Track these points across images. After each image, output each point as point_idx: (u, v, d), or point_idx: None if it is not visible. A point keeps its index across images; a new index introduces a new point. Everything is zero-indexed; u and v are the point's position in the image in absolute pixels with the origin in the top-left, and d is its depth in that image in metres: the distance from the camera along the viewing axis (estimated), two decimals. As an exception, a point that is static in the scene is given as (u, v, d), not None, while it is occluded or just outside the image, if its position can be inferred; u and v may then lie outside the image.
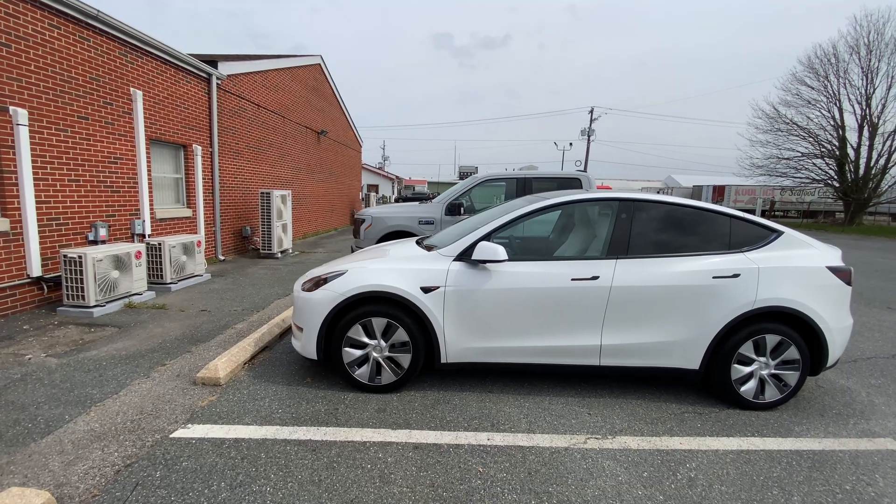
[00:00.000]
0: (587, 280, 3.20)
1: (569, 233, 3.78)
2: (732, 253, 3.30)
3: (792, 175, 27.67)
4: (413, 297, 3.18)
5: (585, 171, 36.84)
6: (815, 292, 3.21)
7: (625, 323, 3.22)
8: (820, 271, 3.26)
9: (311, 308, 3.31)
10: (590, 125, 39.36)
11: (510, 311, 3.24)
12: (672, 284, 3.20)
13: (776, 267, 3.21)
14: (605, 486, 2.35)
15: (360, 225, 6.70)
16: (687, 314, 3.20)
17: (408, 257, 3.52)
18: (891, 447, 2.83)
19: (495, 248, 3.15)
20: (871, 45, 24.10)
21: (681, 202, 3.48)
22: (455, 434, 2.79)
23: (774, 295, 3.15)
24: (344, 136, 18.74)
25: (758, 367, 3.23)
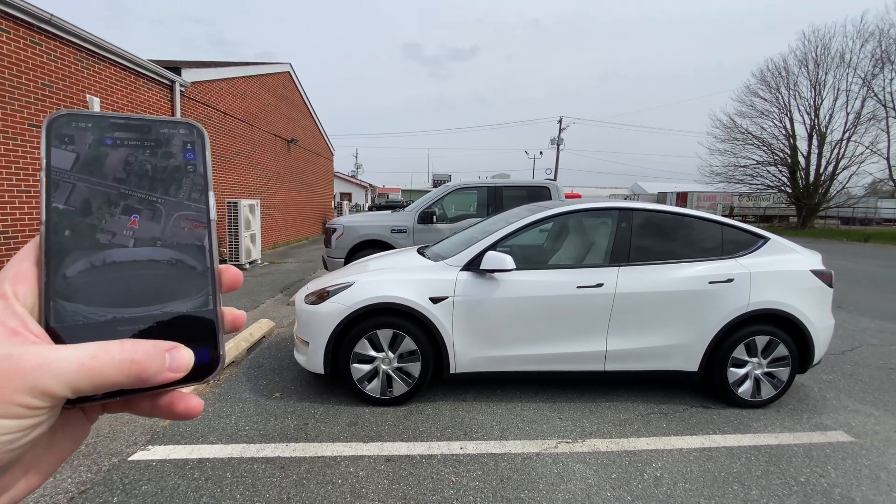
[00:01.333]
0: (592, 287, 3.26)
1: (571, 242, 3.83)
2: (725, 259, 3.46)
3: (748, 182, 29.13)
4: (422, 308, 3.15)
5: (555, 180, 37.51)
6: (802, 295, 3.40)
7: (628, 328, 3.31)
8: (805, 275, 3.45)
9: (318, 321, 3.21)
10: (559, 134, 40.28)
11: (518, 319, 3.26)
12: (671, 290, 3.31)
13: (766, 271, 3.38)
14: (576, 489, 2.39)
15: (331, 234, 6.61)
16: (686, 318, 3.32)
17: (414, 268, 3.48)
18: (842, 439, 2.99)
19: (503, 257, 3.16)
20: (818, 59, 25.78)
21: (676, 211, 3.63)
22: (428, 444, 2.78)
23: (765, 298, 3.31)
24: (315, 145, 18.53)
25: (752, 366, 3.38)
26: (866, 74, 24.15)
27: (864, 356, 4.68)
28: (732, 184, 29.73)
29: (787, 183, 28.00)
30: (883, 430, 3.11)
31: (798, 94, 26.70)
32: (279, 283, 7.66)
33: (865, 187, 27.74)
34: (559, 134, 40.21)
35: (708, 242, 3.51)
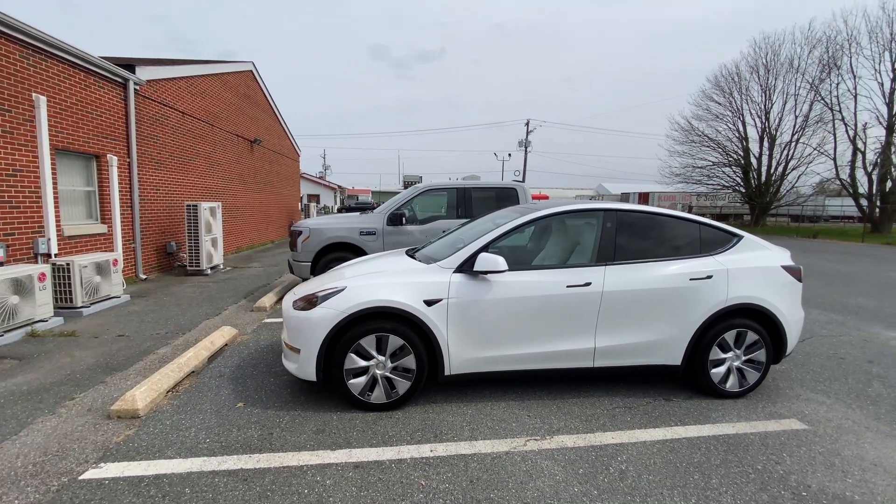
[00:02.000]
0: (581, 286, 3.34)
1: (558, 242, 3.86)
2: (704, 257, 3.60)
3: (705, 182, 30.49)
4: (417, 311, 3.13)
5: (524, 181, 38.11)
6: (774, 289, 3.58)
7: (615, 325, 3.40)
8: (777, 270, 3.64)
9: (309, 327, 3.13)
10: (526, 136, 40.91)
11: (511, 319, 3.30)
12: (655, 287, 3.43)
13: (741, 268, 3.55)
14: (544, 486, 2.41)
15: (296, 237, 6.45)
16: (669, 314, 3.44)
17: (406, 271, 3.45)
18: (795, 427, 3.15)
19: (496, 259, 3.18)
20: (768, 65, 27.31)
21: (657, 211, 3.76)
22: (397, 449, 2.74)
23: (742, 293, 3.48)
24: (280, 145, 18.09)
25: (731, 359, 3.53)
26: (814, 79, 25.77)
27: (814, 346, 4.96)
28: (691, 184, 31.05)
29: (741, 183, 29.47)
30: (835, 418, 3.29)
31: (750, 98, 28.22)
32: (242, 289, 7.42)
33: (813, 186, 29.49)
34: (526, 136, 40.85)
35: (687, 241, 3.66)
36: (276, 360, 4.21)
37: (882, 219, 24.13)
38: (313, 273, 6.40)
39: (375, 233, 6.39)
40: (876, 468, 2.65)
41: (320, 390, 3.55)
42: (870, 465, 2.68)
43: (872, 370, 4.27)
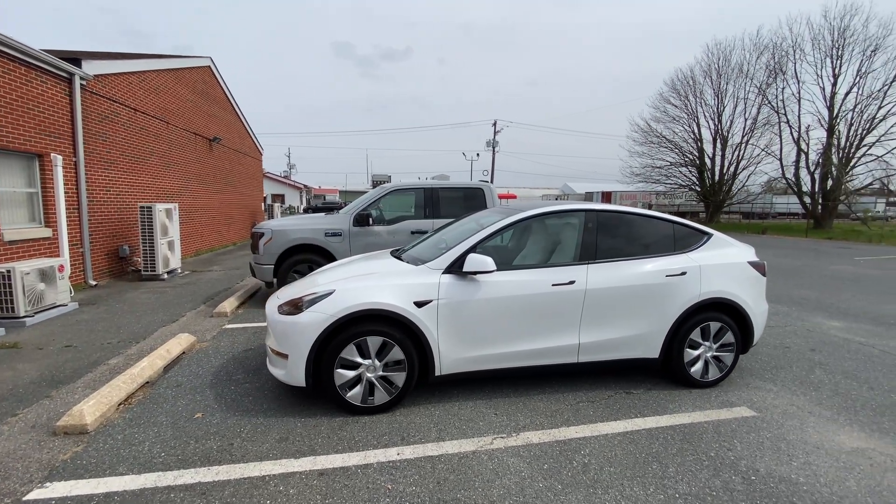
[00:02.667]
0: (565, 285, 3.43)
1: (542, 242, 3.91)
2: (678, 254, 3.78)
3: (664, 181, 31.75)
4: (408, 313, 3.12)
5: (492, 181, 38.31)
6: (742, 283, 3.81)
7: (598, 321, 3.52)
8: (744, 266, 3.88)
9: (298, 332, 3.06)
10: (494, 137, 41.31)
11: (499, 318, 3.34)
12: (634, 284, 3.57)
13: (712, 264, 3.76)
14: (510, 483, 2.44)
15: (258, 239, 6.25)
16: (647, 310, 3.59)
17: (395, 272, 3.43)
18: (745, 414, 3.32)
19: (485, 259, 3.20)
20: (720, 70, 28.68)
21: (634, 211, 3.92)
22: (363, 454, 2.71)
23: (714, 288, 3.68)
24: (241, 144, 17.51)
25: (703, 350, 3.73)
26: (761, 84, 27.22)
27: (762, 337, 5.21)
28: (650, 183, 32.26)
29: (696, 182, 30.86)
30: (781, 404, 3.49)
31: (704, 101, 29.57)
32: (202, 294, 7.14)
33: (762, 185, 31.19)
34: (494, 136, 41.27)
35: (662, 239, 3.84)
36: (237, 368, 4.07)
37: (824, 215, 25.84)
38: (276, 276, 6.23)
39: (341, 234, 6.28)
40: (818, 451, 2.83)
41: (283, 397, 3.47)
42: (812, 448, 2.87)
43: (815, 358, 4.56)
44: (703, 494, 2.38)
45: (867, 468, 2.65)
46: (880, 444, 2.93)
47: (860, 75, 24.32)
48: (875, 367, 4.32)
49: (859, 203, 27.97)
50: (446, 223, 4.83)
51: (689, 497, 2.36)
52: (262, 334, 5.09)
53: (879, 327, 5.74)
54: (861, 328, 5.69)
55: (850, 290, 8.25)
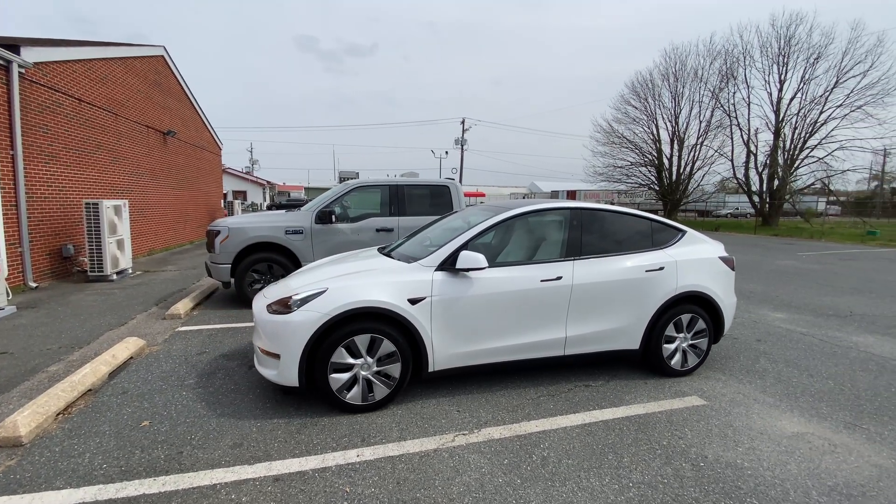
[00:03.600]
0: (553, 280, 3.53)
1: (529, 239, 3.96)
2: (655, 250, 3.97)
3: (625, 181, 32.80)
4: (402, 310, 3.13)
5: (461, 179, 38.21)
6: (714, 277, 4.04)
7: (583, 315, 3.64)
8: (715, 261, 4.12)
9: (291, 331, 3.01)
10: (462, 135, 41.46)
11: (490, 314, 3.40)
12: (617, 279, 3.71)
13: (687, 259, 3.96)
14: (470, 480, 2.44)
15: (214, 237, 5.99)
16: (629, 303, 3.75)
17: (387, 270, 3.43)
18: (696, 403, 3.46)
19: (477, 256, 3.24)
20: (677, 74, 29.81)
21: (616, 209, 4.08)
22: (321, 457, 2.64)
23: (689, 282, 3.88)
24: (198, 138, 16.77)
25: (680, 341, 3.93)
26: (714, 88, 28.51)
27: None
28: (612, 182, 33.26)
29: (655, 181, 32.04)
30: (729, 393, 3.66)
31: (662, 104, 30.69)
32: (154, 295, 6.79)
33: (715, 185, 32.73)
34: (462, 134, 41.42)
35: (641, 236, 4.02)
36: (189, 372, 3.89)
37: (771, 213, 27.41)
38: (233, 276, 6.00)
39: (303, 231, 6.11)
40: (762, 436, 2.99)
41: (240, 402, 3.34)
42: (757, 433, 3.02)
43: (760, 348, 4.82)
44: (655, 482, 2.46)
45: (806, 451, 2.81)
46: (818, 428, 3.12)
47: (804, 81, 25.93)
48: (814, 355, 4.61)
49: (803, 202, 29.83)
50: (436, 219, 4.81)
51: (642, 486, 2.43)
52: (218, 336, 4.89)
53: (819, 318, 6.13)
54: (802, 319, 6.06)
55: (794, 284, 8.78)
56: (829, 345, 4.96)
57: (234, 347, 4.53)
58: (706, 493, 2.38)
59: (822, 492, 2.41)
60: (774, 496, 2.37)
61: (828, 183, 27.74)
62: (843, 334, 5.36)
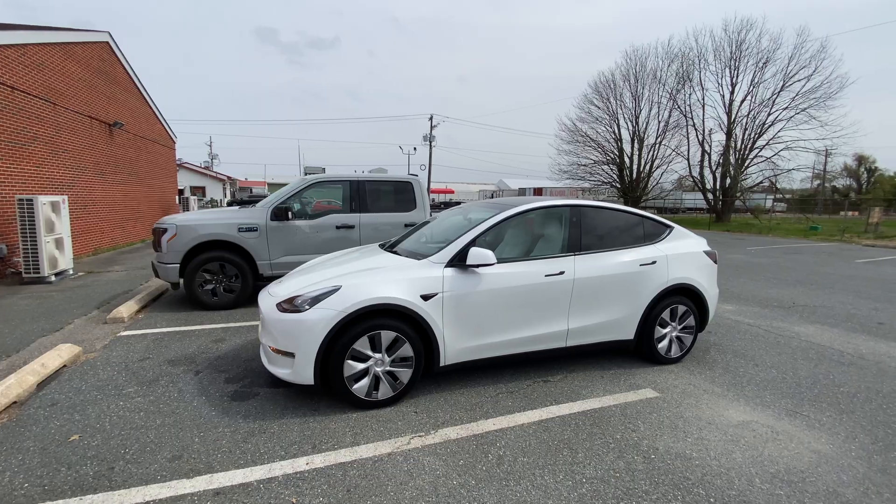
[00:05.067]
0: (556, 275, 3.65)
1: (531, 235, 4.04)
2: (647, 245, 4.17)
3: (588, 178, 33.58)
4: (416, 307, 3.17)
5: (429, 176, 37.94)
6: (700, 270, 4.30)
7: (584, 308, 3.79)
8: (700, 255, 4.37)
9: (306, 329, 3.00)
10: (430, 131, 41.30)
11: (498, 308, 3.48)
12: (614, 273, 3.89)
13: (676, 254, 4.19)
14: (424, 483, 2.38)
15: (160, 235, 5.63)
16: (625, 296, 3.93)
17: (398, 267, 3.45)
18: (649, 396, 3.53)
19: (486, 252, 3.32)
20: (637, 75, 30.68)
21: (611, 207, 4.24)
22: (268, 467, 2.50)
23: (678, 275, 4.12)
24: (149, 130, 15.89)
25: (670, 330, 4.18)
26: (672, 89, 29.57)
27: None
28: (577, 180, 33.98)
29: (617, 179, 32.97)
30: (680, 384, 3.76)
31: (623, 104, 31.54)
32: (96, 298, 6.35)
33: (673, 183, 34.03)
34: (430, 131, 41.26)
35: (635, 232, 4.21)
36: (129, 380, 3.64)
37: (724, 210, 28.77)
38: (182, 277, 5.68)
39: (257, 229, 5.85)
40: (710, 426, 3.07)
41: (182, 410, 3.15)
42: (705, 423, 3.11)
43: (710, 339, 5.00)
44: (608, 477, 2.48)
45: (751, 439, 2.91)
46: (762, 416, 3.24)
47: (753, 85, 27.31)
48: (760, 345, 4.82)
49: (753, 199, 31.48)
50: (428, 221, 4.83)
51: (595, 480, 2.44)
52: (164, 341, 4.62)
53: (765, 309, 6.44)
54: (750, 311, 6.35)
55: (743, 277, 9.21)
56: (774, 335, 5.20)
57: (182, 352, 4.29)
58: (656, 486, 2.41)
59: (764, 479, 2.49)
60: (720, 485, 2.43)
61: (775, 181, 29.40)
62: (787, 324, 5.65)
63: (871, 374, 4.08)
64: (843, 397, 3.57)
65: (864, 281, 9.01)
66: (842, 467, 2.62)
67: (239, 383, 3.59)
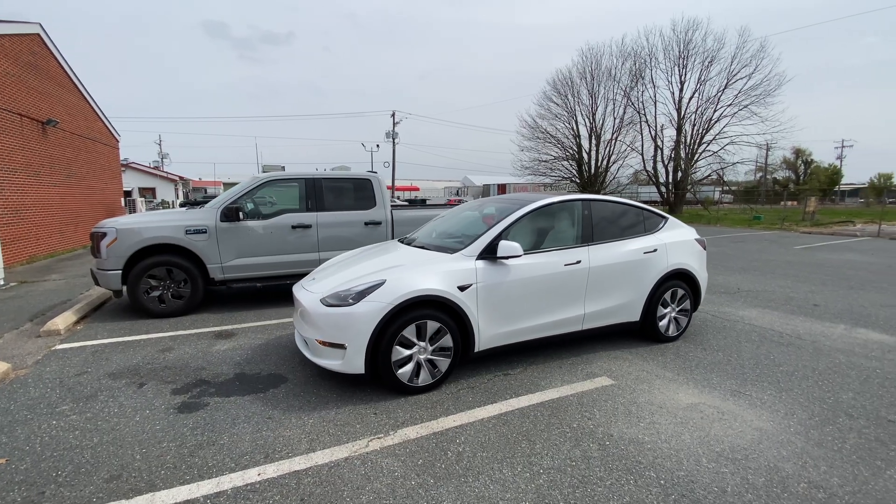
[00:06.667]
0: (574, 264, 3.98)
1: (548, 227, 4.28)
2: (648, 235, 4.57)
3: (549, 174, 34.28)
4: (454, 297, 3.39)
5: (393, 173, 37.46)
6: (693, 256, 4.75)
7: (598, 294, 4.13)
8: (692, 242, 4.83)
9: (357, 321, 3.19)
10: (393, 128, 40.89)
11: (525, 296, 3.75)
12: (623, 261, 4.26)
13: (673, 242, 4.62)
14: (381, 486, 2.33)
15: (99, 240, 5.26)
16: (632, 281, 4.32)
17: (432, 260, 3.66)
18: (605, 384, 3.63)
19: (514, 245, 3.58)
20: (593, 73, 31.50)
21: (616, 200, 4.64)
22: (216, 480, 2.38)
23: (676, 261, 4.55)
24: (88, 128, 14.88)
25: (670, 310, 4.60)
26: (626, 87, 30.60)
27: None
28: (538, 176, 34.61)
29: (576, 174, 33.84)
30: (634, 371, 3.88)
31: (580, 101, 32.33)
32: (29, 309, 5.88)
33: (629, 177, 35.25)
34: (393, 127, 40.85)
35: (636, 223, 4.60)
36: (64, 397, 3.38)
37: (675, 202, 30.11)
38: (125, 283, 5.34)
39: (207, 231, 5.57)
40: (661, 410, 3.19)
41: (123, 426, 2.95)
42: (657, 408, 3.22)
43: (663, 326, 5.19)
44: (564, 466, 2.52)
45: (699, 421, 3.04)
46: (709, 398, 3.39)
47: (700, 83, 28.72)
48: (708, 330, 5.06)
49: (702, 191, 33.11)
50: (451, 212, 5.09)
51: (552, 471, 2.48)
52: (105, 353, 4.32)
53: (713, 295, 6.77)
54: (699, 298, 6.65)
55: (693, 266, 9.64)
56: (721, 319, 5.48)
57: (124, 364, 4.03)
58: (610, 472, 2.47)
59: (710, 458, 2.61)
60: (669, 467, 2.52)
61: (722, 174, 31.05)
62: (732, 309, 5.96)
63: (807, 353, 4.36)
64: (782, 376, 3.80)
65: (802, 266, 9.66)
66: (781, 443, 2.78)
67: (187, 394, 3.41)
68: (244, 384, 3.58)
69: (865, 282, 7.91)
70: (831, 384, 3.64)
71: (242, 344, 4.55)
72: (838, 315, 5.70)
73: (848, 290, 7.17)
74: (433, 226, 4.78)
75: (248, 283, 5.87)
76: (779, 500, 2.25)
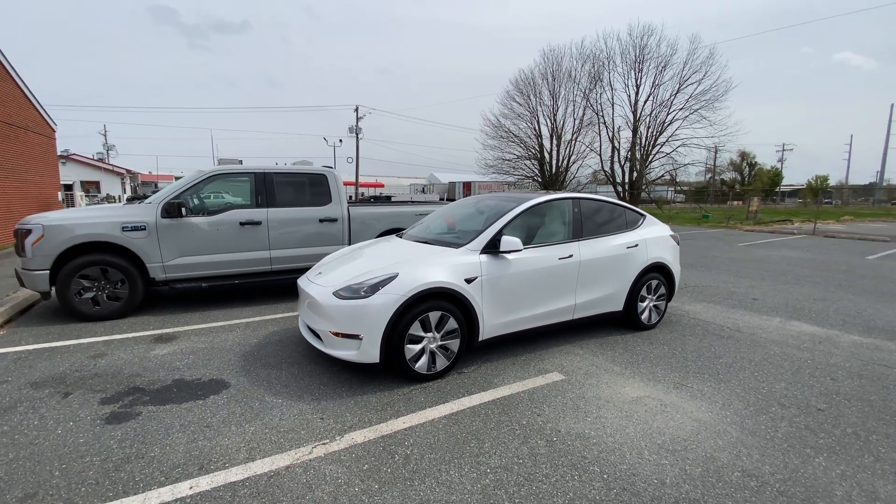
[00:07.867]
0: (567, 258, 4.27)
1: (542, 223, 4.53)
2: (629, 231, 4.94)
3: (513, 173, 34.72)
4: (462, 289, 3.59)
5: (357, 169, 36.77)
6: (669, 251, 5.17)
7: (587, 286, 4.44)
8: (668, 238, 5.27)
9: (372, 312, 3.31)
10: (357, 123, 40.19)
11: (524, 288, 4.00)
12: (609, 255, 4.61)
13: (651, 237, 5.03)
14: (323, 495, 2.25)
15: (23, 238, 4.81)
16: (617, 274, 4.68)
17: (439, 254, 3.84)
18: (556, 379, 3.67)
19: (515, 240, 3.81)
20: (554, 74, 32.11)
21: (602, 199, 4.99)
22: (143, 496, 2.22)
23: (654, 255, 4.97)
24: (19, 116, 13.72)
25: (649, 300, 5.01)
26: (585, 89, 31.38)
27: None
28: (502, 174, 34.99)
29: (538, 174, 34.47)
30: (584, 366, 3.96)
31: (542, 101, 32.89)
32: (-58, 313, 5.32)
33: (588, 177, 36.24)
34: (357, 122, 40.15)
35: (619, 220, 4.95)
36: (-26, 410, 3.07)
37: (632, 201, 31.17)
38: (54, 284, 4.93)
39: (146, 227, 5.21)
40: (608, 404, 3.26)
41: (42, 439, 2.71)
42: (604, 402, 3.29)
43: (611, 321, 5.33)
44: (511, 464, 2.52)
45: (643, 414, 3.12)
46: (654, 391, 3.50)
47: (655, 86, 29.83)
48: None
49: (656, 191, 34.55)
50: (445, 208, 5.33)
51: (499, 469, 2.47)
52: (29, 360, 3.97)
53: (662, 291, 7.03)
54: (650, 293, 6.89)
55: (646, 263, 10.02)
56: (668, 314, 5.69)
57: (49, 372, 3.72)
58: (555, 468, 2.50)
59: (652, 450, 2.68)
60: (613, 461, 2.57)
61: (674, 175, 32.48)
62: (679, 304, 6.22)
63: (745, 345, 4.60)
64: (721, 368, 3.98)
65: (744, 262, 10.23)
66: (718, 433, 2.90)
67: (117, 403, 3.17)
68: (182, 391, 3.38)
69: (801, 277, 8.47)
70: (766, 375, 3.84)
71: (184, 348, 4.30)
72: (775, 308, 6.06)
73: (784, 285, 7.65)
74: (428, 222, 5.01)
75: (193, 283, 5.55)
76: (713, 490, 2.34)
